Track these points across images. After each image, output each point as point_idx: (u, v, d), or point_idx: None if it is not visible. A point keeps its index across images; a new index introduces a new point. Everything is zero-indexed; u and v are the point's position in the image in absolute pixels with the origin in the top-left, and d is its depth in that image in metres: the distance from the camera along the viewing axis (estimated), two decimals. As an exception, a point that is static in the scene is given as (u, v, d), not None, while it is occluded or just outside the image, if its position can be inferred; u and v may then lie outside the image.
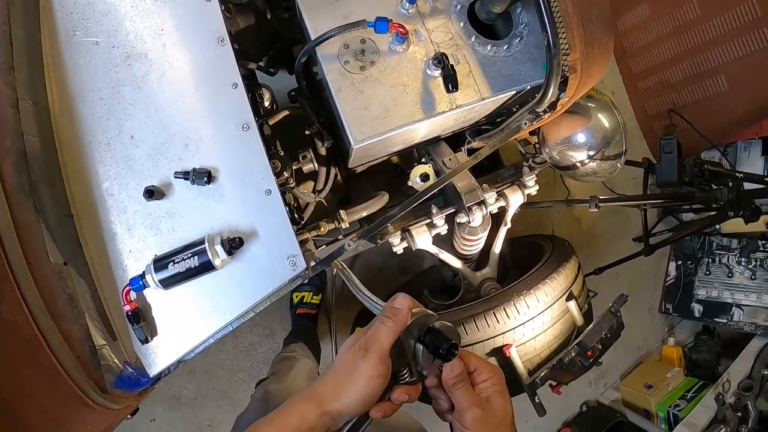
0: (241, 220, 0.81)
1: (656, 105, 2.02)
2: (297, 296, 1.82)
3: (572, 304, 1.28)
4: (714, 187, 1.31)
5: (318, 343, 1.75)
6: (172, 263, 0.75)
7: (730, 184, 1.31)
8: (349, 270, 0.91)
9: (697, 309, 1.87)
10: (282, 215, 0.80)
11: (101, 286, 0.82)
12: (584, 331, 1.25)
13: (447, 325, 0.64)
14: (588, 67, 0.96)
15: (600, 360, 1.22)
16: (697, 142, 1.75)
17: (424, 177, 1.20)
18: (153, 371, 0.82)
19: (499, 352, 1.20)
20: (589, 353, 1.14)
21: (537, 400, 1.20)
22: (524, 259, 1.60)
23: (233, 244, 0.76)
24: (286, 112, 1.12)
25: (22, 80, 0.83)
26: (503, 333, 1.20)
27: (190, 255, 0.74)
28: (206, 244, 0.74)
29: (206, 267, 0.75)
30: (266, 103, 1.04)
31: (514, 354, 1.18)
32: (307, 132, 1.11)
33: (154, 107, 0.84)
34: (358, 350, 0.59)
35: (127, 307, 0.78)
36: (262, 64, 1.22)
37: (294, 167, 1.01)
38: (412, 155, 1.43)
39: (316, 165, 1.06)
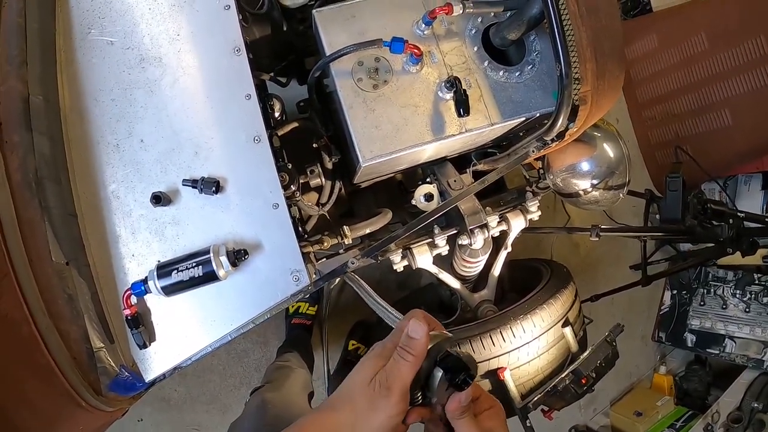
0: (247, 232, 0.81)
1: (659, 134, 2.04)
2: (293, 306, 1.81)
3: (568, 330, 1.28)
4: (715, 224, 1.33)
5: (312, 353, 1.74)
6: (175, 271, 0.74)
7: (731, 221, 1.32)
8: (360, 280, 0.92)
9: (690, 339, 1.88)
10: (288, 230, 0.81)
11: (102, 289, 0.81)
12: (578, 357, 1.25)
13: (462, 351, 0.62)
14: (598, 100, 0.97)
15: (593, 387, 1.23)
16: (698, 174, 1.76)
17: (428, 197, 1.21)
18: (149, 376, 0.81)
19: (493, 375, 1.20)
20: (583, 381, 1.14)
21: (528, 424, 1.20)
22: (522, 282, 1.60)
23: (238, 256, 0.76)
24: (296, 124, 1.12)
25: (34, 75, 0.82)
26: (498, 356, 1.20)
27: (194, 264, 0.74)
28: (211, 255, 0.74)
29: (210, 277, 0.74)
30: (276, 114, 1.04)
31: (508, 377, 1.18)
32: (314, 145, 1.12)
33: (165, 112, 0.84)
34: (379, 388, 0.55)
35: (127, 312, 0.78)
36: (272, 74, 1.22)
37: (301, 181, 1.01)
38: (415, 173, 1.44)
39: (323, 179, 1.06)
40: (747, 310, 1.73)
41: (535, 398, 1.16)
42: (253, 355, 1.86)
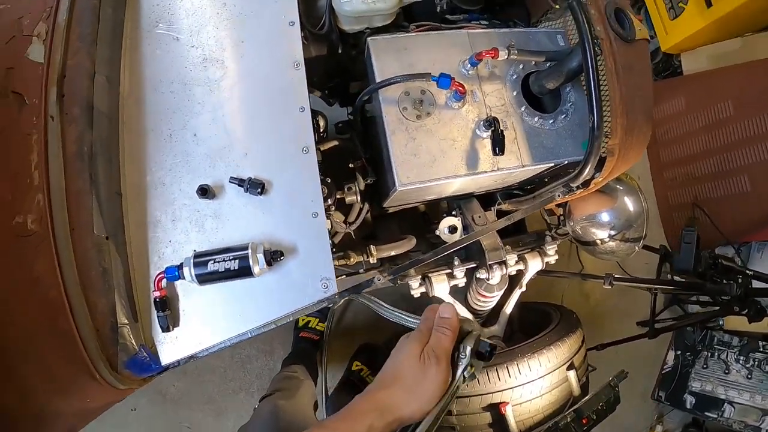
0: (284, 235, 0.83)
1: (679, 195, 2.07)
2: (303, 320, 1.83)
3: (572, 373, 1.29)
4: (724, 281, 1.35)
5: (317, 368, 1.74)
6: (212, 261, 0.77)
7: (740, 280, 1.35)
8: (375, 297, 0.95)
9: (690, 400, 1.86)
10: (324, 238, 0.83)
11: (134, 268, 0.84)
12: (579, 402, 1.26)
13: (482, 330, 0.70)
14: (625, 153, 1.01)
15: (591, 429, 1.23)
16: (714, 236, 1.78)
17: (452, 229, 1.24)
18: (165, 360, 0.83)
19: (495, 408, 1.20)
20: (584, 421, 1.15)
21: (523, 460, 1.20)
22: (531, 324, 1.61)
23: (274, 256, 0.79)
24: (336, 143, 1.17)
25: (102, 55, 0.86)
26: (502, 390, 1.21)
27: (231, 257, 0.77)
28: (249, 251, 0.77)
29: (244, 272, 0.77)
30: (320, 131, 1.09)
31: (509, 412, 1.19)
32: (350, 165, 1.16)
33: (221, 112, 0.88)
34: (429, 359, 0.64)
35: (157, 294, 0.80)
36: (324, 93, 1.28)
37: (337, 196, 1.05)
38: (439, 206, 1.48)
39: (358, 198, 1.10)
40: (749, 376, 1.72)
41: (535, 435, 1.16)
42: (256, 362, 1.86)
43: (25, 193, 0.77)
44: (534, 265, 1.34)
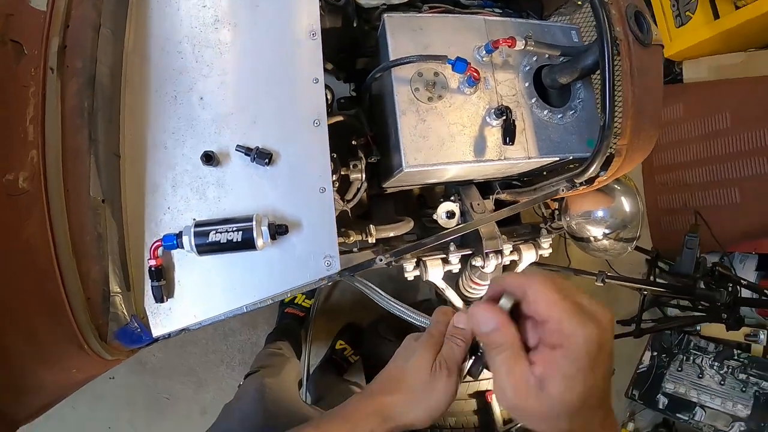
0: (288, 209, 0.81)
1: (668, 200, 2.11)
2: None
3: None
4: (714, 288, 1.39)
5: (301, 345, 1.74)
6: (214, 231, 0.74)
7: (730, 288, 1.39)
8: (380, 290, 0.93)
9: (662, 401, 1.92)
10: (330, 214, 0.81)
11: (129, 235, 0.80)
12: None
13: None
14: (631, 155, 1.02)
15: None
16: (703, 243, 1.82)
17: (450, 214, 1.24)
18: (157, 332, 0.80)
19: (481, 396, 1.22)
20: None
21: (506, 447, 1.22)
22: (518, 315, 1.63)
23: (279, 230, 0.76)
24: (341, 118, 1.15)
25: (108, 7, 0.82)
26: (489, 378, 1.22)
27: (234, 229, 0.74)
28: (254, 223, 0.74)
29: (247, 244, 0.74)
30: (327, 104, 1.07)
31: (494, 401, 1.21)
32: (353, 142, 1.14)
33: (231, 77, 0.85)
34: (440, 370, 0.61)
35: (153, 262, 0.77)
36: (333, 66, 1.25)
37: (342, 173, 1.03)
38: (436, 190, 1.48)
39: (363, 176, 1.09)
40: (722, 383, 1.78)
41: (519, 425, 1.18)
42: (239, 335, 1.85)
43: (18, 149, 0.72)
44: (528, 256, 1.34)
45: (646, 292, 1.48)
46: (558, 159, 1.07)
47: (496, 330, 0.48)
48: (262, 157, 0.80)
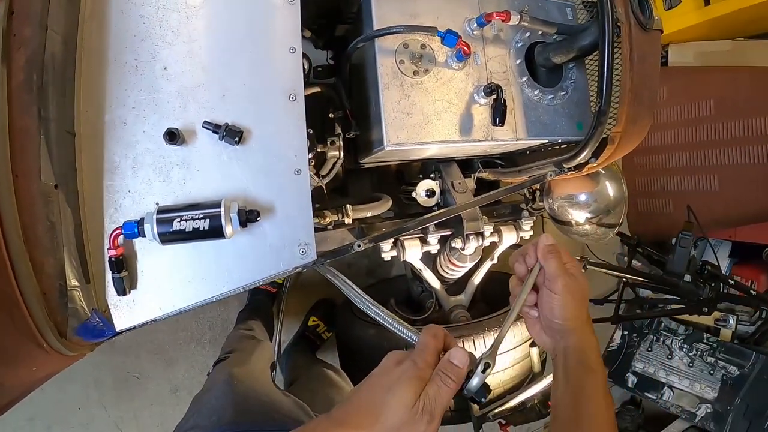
0: (261, 193, 0.75)
1: (646, 183, 2.11)
2: (261, 271, 1.75)
3: (535, 350, 1.31)
4: (701, 284, 1.41)
5: (273, 323, 1.70)
6: (178, 219, 0.67)
7: (713, 284, 1.40)
8: (347, 279, 0.86)
9: (631, 380, 1.97)
10: (306, 199, 0.76)
11: (86, 221, 0.73)
12: (539, 378, 1.29)
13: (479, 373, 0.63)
14: (624, 143, 0.99)
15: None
16: (672, 227, 1.84)
17: (430, 193, 1.20)
18: (120, 326, 0.74)
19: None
20: (549, 404, 1.17)
21: (481, 432, 1.23)
22: (493, 294, 1.62)
23: (250, 217, 0.70)
24: (318, 89, 1.07)
25: None
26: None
27: (201, 216, 0.67)
28: (222, 209, 0.68)
29: (215, 233, 0.68)
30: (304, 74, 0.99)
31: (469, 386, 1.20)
32: (330, 115, 1.08)
33: (198, 44, 0.76)
34: (422, 413, 0.54)
35: (113, 252, 0.70)
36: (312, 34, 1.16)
37: (318, 150, 0.97)
38: (415, 165, 1.43)
39: (341, 153, 1.03)
40: (690, 365, 1.84)
41: (497, 410, 1.18)
42: (209, 312, 1.80)
43: (-41, 131, 0.64)
44: (509, 238, 1.33)
45: (625, 281, 1.49)
46: (547, 141, 1.03)
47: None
48: (232, 135, 0.73)
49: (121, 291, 0.72)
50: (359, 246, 0.86)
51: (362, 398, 0.57)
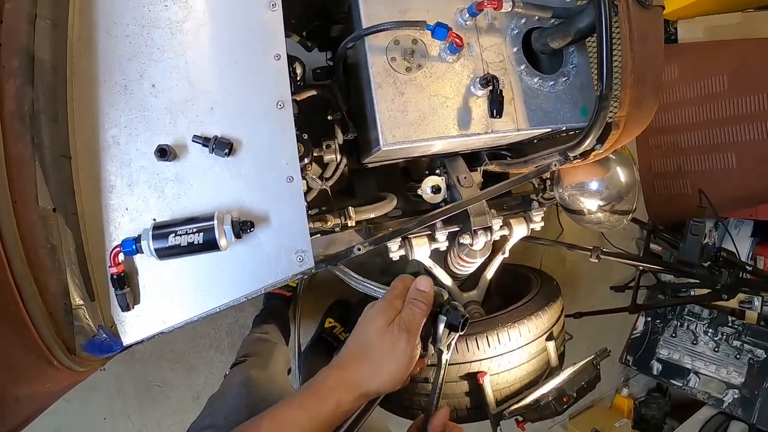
0: (255, 203, 0.75)
1: (662, 164, 2.05)
2: (273, 274, 1.76)
3: (551, 344, 1.29)
4: (718, 271, 1.35)
5: (289, 326, 1.71)
6: (173, 234, 0.68)
7: (731, 270, 1.34)
8: (344, 267, 0.90)
9: (656, 367, 1.92)
10: (300, 206, 0.75)
11: (87, 240, 0.75)
12: (556, 372, 1.26)
13: (454, 302, 0.69)
14: (629, 127, 0.95)
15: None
16: (690, 209, 1.78)
17: (436, 189, 1.18)
18: (127, 340, 0.76)
19: (473, 378, 1.20)
20: (565, 399, 1.15)
21: (499, 431, 1.21)
22: (508, 288, 1.60)
23: (243, 227, 0.71)
24: (314, 92, 1.06)
25: None
26: (481, 360, 1.20)
27: (195, 230, 0.68)
28: (215, 222, 0.68)
29: (210, 246, 0.69)
30: (297, 79, 0.98)
31: (487, 383, 1.18)
32: (329, 118, 1.06)
33: (184, 59, 0.77)
34: (399, 331, 0.63)
35: (114, 270, 0.72)
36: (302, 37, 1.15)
37: (315, 154, 0.96)
38: (421, 162, 1.41)
39: (338, 156, 1.01)
40: (716, 349, 1.78)
41: (512, 407, 1.16)
42: (226, 318, 1.82)
43: (-45, 164, 0.66)
44: (519, 231, 1.30)
45: (642, 269, 1.44)
46: (551, 130, 1.00)
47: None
48: (222, 147, 0.73)
49: (125, 307, 0.73)
50: (359, 249, 0.85)
51: (349, 341, 0.66)
